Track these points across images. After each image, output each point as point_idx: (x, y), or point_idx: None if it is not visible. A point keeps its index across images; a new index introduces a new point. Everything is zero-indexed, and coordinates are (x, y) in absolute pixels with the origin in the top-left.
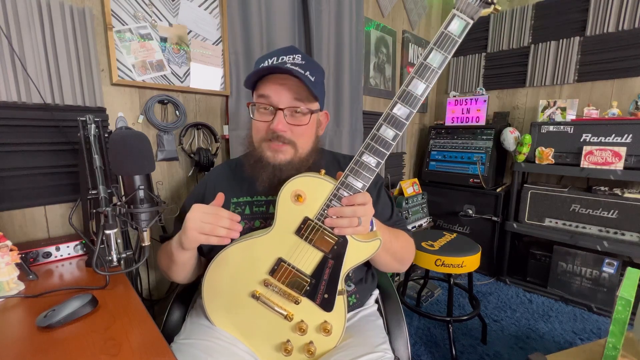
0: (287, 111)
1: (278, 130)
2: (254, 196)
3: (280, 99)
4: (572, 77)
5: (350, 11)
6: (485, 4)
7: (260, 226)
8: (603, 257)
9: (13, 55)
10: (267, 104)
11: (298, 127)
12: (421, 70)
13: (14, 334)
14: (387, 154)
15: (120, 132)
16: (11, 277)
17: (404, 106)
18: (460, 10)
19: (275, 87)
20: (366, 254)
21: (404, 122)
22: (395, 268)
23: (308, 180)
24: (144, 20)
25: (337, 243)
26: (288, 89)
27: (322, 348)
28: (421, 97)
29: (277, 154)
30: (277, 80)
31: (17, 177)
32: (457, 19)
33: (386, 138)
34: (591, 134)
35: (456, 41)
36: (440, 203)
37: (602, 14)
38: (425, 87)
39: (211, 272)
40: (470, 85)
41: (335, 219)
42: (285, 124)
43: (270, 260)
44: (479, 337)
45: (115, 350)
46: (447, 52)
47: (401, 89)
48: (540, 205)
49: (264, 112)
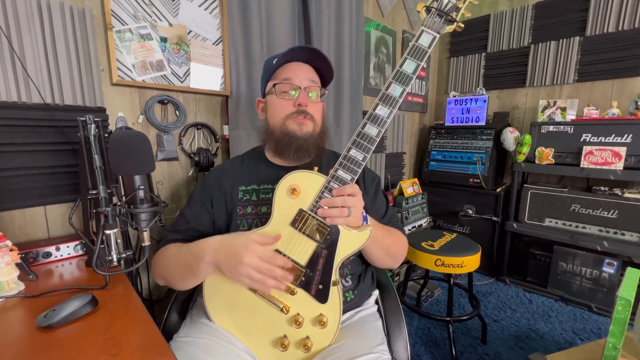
0: (306, 90)
1: (303, 104)
2: (260, 184)
3: (301, 80)
4: (572, 77)
5: (350, 11)
6: (449, 22)
7: (267, 212)
8: (603, 257)
9: (13, 55)
10: (289, 83)
11: (315, 104)
12: (398, 76)
13: (14, 334)
14: (372, 149)
15: (120, 132)
16: (11, 277)
17: (385, 107)
18: (427, 26)
19: (294, 71)
20: (358, 243)
21: (386, 121)
22: (388, 263)
23: (302, 175)
24: (144, 20)
25: (329, 233)
26: (305, 72)
27: (319, 343)
28: (400, 99)
29: (302, 126)
30: (295, 66)
31: (17, 177)
32: (425, 33)
33: (371, 135)
34: (591, 134)
35: (426, 51)
36: (440, 203)
37: (602, 14)
38: (402, 90)
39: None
40: (470, 85)
41: (327, 209)
42: (307, 99)
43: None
44: (479, 337)
45: (115, 350)
46: (419, 60)
47: (382, 92)
48: (540, 205)
49: (286, 93)
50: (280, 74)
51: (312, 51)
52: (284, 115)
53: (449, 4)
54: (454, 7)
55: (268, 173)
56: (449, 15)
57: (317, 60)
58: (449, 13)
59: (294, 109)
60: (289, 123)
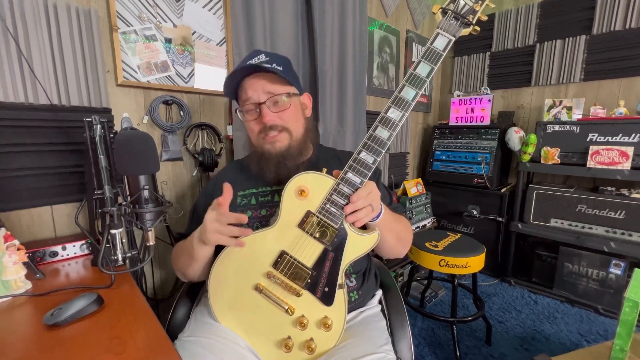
0: (269, 102)
1: (267, 122)
2: (259, 187)
3: (259, 94)
4: (578, 76)
5: (354, 11)
6: (465, 25)
7: (267, 214)
8: (610, 258)
9: (21, 57)
10: (250, 103)
11: (284, 112)
12: (412, 79)
13: (22, 331)
14: (383, 152)
15: (125, 132)
16: (19, 276)
17: (397, 110)
18: (443, 29)
19: (251, 87)
20: (366, 247)
21: (398, 124)
22: (397, 251)
23: (311, 177)
24: (149, 22)
25: (337, 236)
26: (262, 84)
27: (323, 345)
28: (412, 102)
29: (275, 143)
30: (251, 80)
31: (24, 177)
32: (440, 36)
33: (382, 138)
34: (598, 134)
35: (441, 55)
36: (444, 203)
37: (609, 12)
38: (415, 94)
39: (218, 265)
40: (474, 84)
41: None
42: (272, 114)
43: (273, 253)
44: (483, 338)
45: (120, 349)
46: (433, 63)
47: (394, 95)
48: (546, 206)
49: (251, 112)
50: (241, 93)
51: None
52: (256, 136)
53: (466, 6)
54: (471, 10)
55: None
56: (466, 18)
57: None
58: (465, 16)
59: (261, 126)
60: (262, 143)
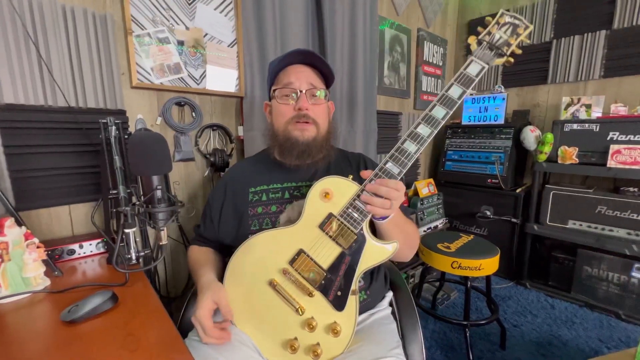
0: (308, 93)
1: (304, 108)
2: (270, 184)
3: (302, 83)
4: (597, 72)
5: (365, 10)
6: (499, 55)
7: (277, 210)
8: (632, 261)
9: (40, 61)
10: (290, 87)
11: (317, 106)
12: (443, 100)
13: (40, 327)
14: (409, 164)
15: (139, 133)
16: (38, 273)
17: (427, 127)
18: (477, 57)
19: (296, 74)
20: (382, 256)
21: (426, 140)
22: (404, 253)
23: (337, 181)
24: (162, 25)
25: (355, 241)
26: (307, 75)
27: (328, 352)
28: (442, 121)
29: (304, 132)
30: (298, 68)
31: (43, 178)
32: (474, 63)
33: (409, 151)
34: (619, 132)
35: (473, 80)
36: (457, 204)
37: (632, 5)
38: (445, 113)
39: (237, 257)
40: (488, 83)
41: (371, 197)
42: (307, 103)
43: (292, 251)
44: (498, 343)
45: (134, 346)
46: (465, 87)
47: (425, 113)
48: (563, 207)
49: (287, 98)
50: (282, 78)
51: (310, 54)
52: (286, 120)
53: (501, 39)
54: (505, 43)
55: (277, 173)
56: (500, 49)
57: (316, 62)
58: (500, 47)
59: (294, 113)
60: (291, 128)
